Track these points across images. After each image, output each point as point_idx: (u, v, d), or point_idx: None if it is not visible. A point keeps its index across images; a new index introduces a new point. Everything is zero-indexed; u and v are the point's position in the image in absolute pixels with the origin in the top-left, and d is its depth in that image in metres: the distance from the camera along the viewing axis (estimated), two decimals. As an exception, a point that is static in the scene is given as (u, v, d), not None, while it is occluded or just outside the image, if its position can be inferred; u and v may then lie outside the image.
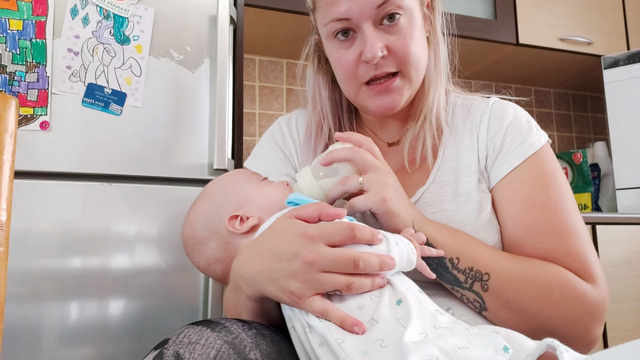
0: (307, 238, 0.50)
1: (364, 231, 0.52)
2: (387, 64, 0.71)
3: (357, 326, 0.46)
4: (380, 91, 0.72)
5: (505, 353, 0.43)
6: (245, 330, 0.52)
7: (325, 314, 0.48)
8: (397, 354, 0.41)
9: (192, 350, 0.47)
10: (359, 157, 0.63)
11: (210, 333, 0.50)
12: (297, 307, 0.50)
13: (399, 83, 0.72)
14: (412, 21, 0.72)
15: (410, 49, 0.71)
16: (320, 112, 0.82)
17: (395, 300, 0.49)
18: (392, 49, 0.70)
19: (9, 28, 0.97)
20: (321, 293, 0.50)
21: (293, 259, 0.49)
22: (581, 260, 0.65)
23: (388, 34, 0.70)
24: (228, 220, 0.65)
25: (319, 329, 0.48)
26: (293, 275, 0.49)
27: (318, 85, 0.83)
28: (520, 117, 0.76)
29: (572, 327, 0.63)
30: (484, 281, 0.63)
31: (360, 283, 0.50)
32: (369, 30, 0.69)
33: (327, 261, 0.49)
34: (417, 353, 0.40)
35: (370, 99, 0.74)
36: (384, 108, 0.74)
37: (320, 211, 0.54)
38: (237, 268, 0.56)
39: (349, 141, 0.65)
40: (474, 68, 2.05)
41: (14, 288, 0.91)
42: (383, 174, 0.64)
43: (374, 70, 0.71)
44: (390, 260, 0.51)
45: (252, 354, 0.49)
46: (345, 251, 0.50)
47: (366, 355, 0.43)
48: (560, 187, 0.70)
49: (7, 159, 0.66)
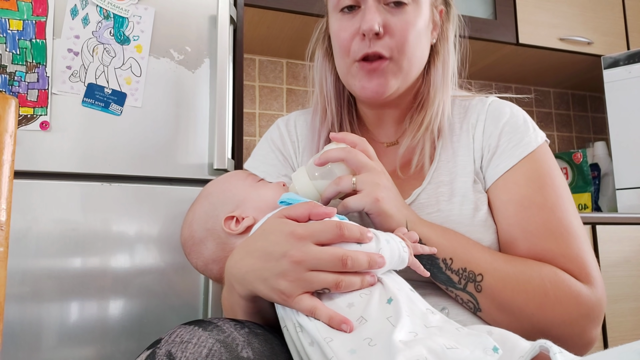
0: (295, 237, 0.50)
1: (353, 229, 0.52)
2: (381, 45, 0.71)
3: (345, 324, 0.46)
4: (369, 71, 0.73)
5: (494, 354, 0.42)
6: (238, 329, 0.53)
7: (313, 312, 0.48)
8: (386, 353, 0.41)
9: (184, 349, 0.48)
10: (353, 158, 0.63)
11: (203, 332, 0.50)
12: (287, 305, 0.50)
13: (388, 68, 0.72)
14: (419, 16, 0.72)
15: (408, 36, 0.71)
16: (326, 97, 0.83)
17: (385, 299, 0.49)
18: (389, 29, 0.71)
19: (9, 28, 0.97)
20: (310, 292, 0.50)
21: (282, 258, 0.50)
22: (577, 261, 0.65)
23: (390, 14, 0.71)
24: (224, 221, 0.65)
25: (308, 328, 0.48)
26: (282, 274, 0.50)
27: (325, 70, 0.84)
28: (517, 116, 0.76)
29: (567, 329, 0.62)
30: (478, 282, 0.63)
31: (349, 281, 0.50)
32: (372, 3, 0.70)
33: (315, 260, 0.49)
34: (406, 353, 0.40)
35: (359, 78, 0.74)
36: (370, 92, 0.74)
37: (309, 210, 0.54)
38: (230, 267, 0.56)
39: (344, 141, 0.65)
40: (474, 68, 2.05)
41: (14, 288, 0.91)
42: (376, 174, 0.64)
43: (367, 48, 0.71)
44: (379, 258, 0.51)
45: (245, 352, 0.49)
46: (332, 250, 0.50)
47: (354, 354, 0.44)
48: (557, 188, 0.69)
49: (7, 159, 0.66)
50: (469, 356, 0.42)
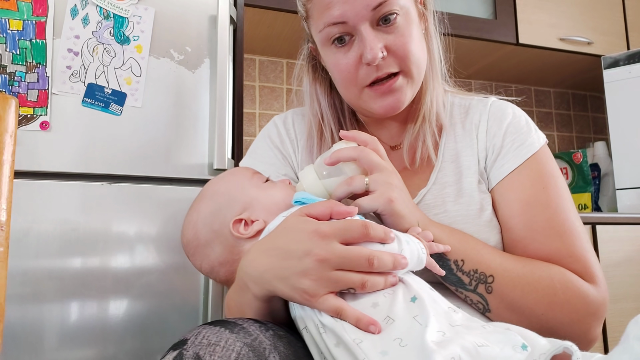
0: (319, 235, 0.50)
1: (378, 229, 0.52)
2: (388, 65, 0.70)
3: (372, 325, 0.46)
4: (384, 92, 0.71)
5: (523, 351, 0.42)
6: (263, 331, 0.52)
7: (339, 313, 0.47)
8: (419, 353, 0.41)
9: (212, 352, 0.47)
10: (366, 157, 0.62)
11: (230, 334, 0.49)
12: (310, 305, 0.50)
13: (402, 82, 0.72)
14: (409, 19, 0.71)
15: (410, 47, 0.70)
16: (320, 120, 0.81)
17: (409, 298, 0.49)
18: (391, 49, 0.69)
19: (9, 28, 0.97)
20: (334, 291, 0.49)
21: (305, 256, 0.49)
22: (582, 261, 0.65)
23: (386, 34, 0.69)
24: (232, 224, 0.64)
25: (334, 328, 0.47)
26: (305, 273, 0.49)
27: (316, 95, 0.82)
28: (519, 117, 0.76)
29: (574, 328, 0.63)
30: (489, 283, 0.63)
31: (374, 281, 0.49)
32: (367, 31, 0.68)
33: (341, 259, 0.49)
34: (442, 352, 0.40)
35: (374, 100, 0.72)
36: (390, 108, 0.72)
37: (331, 209, 0.54)
38: (244, 266, 0.55)
39: (355, 140, 0.64)
40: (474, 68, 2.05)
41: (14, 288, 0.91)
42: (389, 174, 0.63)
43: (375, 72, 0.70)
44: (403, 259, 0.51)
45: (272, 356, 0.49)
46: (359, 249, 0.50)
47: (386, 355, 0.43)
48: (559, 188, 0.70)
49: (7, 159, 0.66)
50: (499, 354, 0.41)
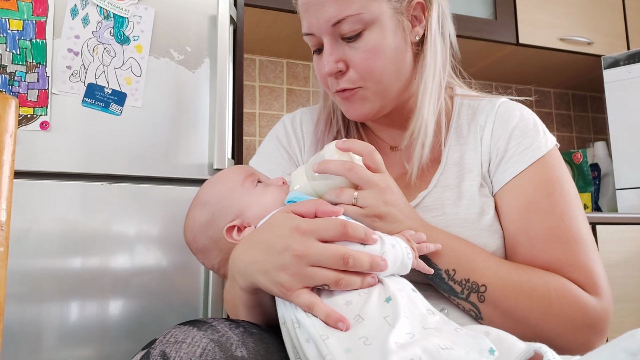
0: (299, 232, 0.51)
1: (357, 229, 0.52)
2: (348, 79, 0.71)
3: (341, 322, 0.46)
4: (345, 98, 0.74)
5: (490, 355, 0.42)
6: (232, 328, 0.53)
7: (311, 308, 0.48)
8: (379, 353, 0.41)
9: (178, 349, 0.48)
10: (354, 175, 0.60)
11: (197, 332, 0.51)
12: (286, 299, 0.51)
13: (361, 95, 0.72)
14: (381, 32, 0.69)
15: (373, 64, 0.69)
16: (331, 107, 0.83)
17: (384, 298, 0.49)
18: (351, 63, 0.70)
19: (9, 28, 0.97)
20: (310, 287, 0.50)
21: (284, 251, 0.50)
22: (585, 270, 0.63)
23: (350, 48, 0.70)
24: (225, 231, 0.66)
25: (305, 324, 0.48)
26: (283, 267, 0.50)
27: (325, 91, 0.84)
28: (527, 120, 0.73)
29: (571, 339, 0.61)
30: (481, 292, 0.62)
31: (349, 280, 0.50)
32: (327, 45, 0.70)
33: (317, 255, 0.49)
34: (400, 354, 0.40)
35: (343, 106, 0.75)
36: (357, 115, 0.75)
37: (316, 207, 0.55)
38: (233, 259, 0.57)
39: (350, 150, 0.62)
40: (474, 68, 2.05)
41: (14, 288, 0.91)
42: (379, 191, 0.61)
43: (336, 85, 0.73)
44: (382, 261, 0.51)
45: (239, 351, 0.50)
46: (334, 247, 0.50)
47: (349, 352, 0.44)
48: (566, 194, 0.67)
49: (7, 159, 0.66)
50: (464, 357, 0.41)
